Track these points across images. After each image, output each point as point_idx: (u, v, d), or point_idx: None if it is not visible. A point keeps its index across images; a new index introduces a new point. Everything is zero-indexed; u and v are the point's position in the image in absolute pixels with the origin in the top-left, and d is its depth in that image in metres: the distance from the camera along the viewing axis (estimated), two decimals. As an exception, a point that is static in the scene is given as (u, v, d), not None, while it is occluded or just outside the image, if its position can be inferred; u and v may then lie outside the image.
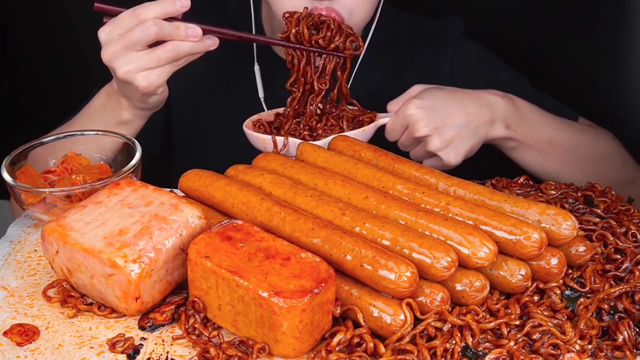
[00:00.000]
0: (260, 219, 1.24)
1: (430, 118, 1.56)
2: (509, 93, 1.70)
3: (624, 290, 1.19)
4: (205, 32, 1.48)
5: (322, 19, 1.57)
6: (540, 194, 1.44)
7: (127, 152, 1.48)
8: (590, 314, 1.15)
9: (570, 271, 1.23)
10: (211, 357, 1.10)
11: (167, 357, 1.12)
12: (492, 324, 1.12)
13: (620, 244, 1.29)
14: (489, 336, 1.12)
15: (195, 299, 1.16)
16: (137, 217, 1.21)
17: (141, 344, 1.14)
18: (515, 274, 1.17)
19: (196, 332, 1.15)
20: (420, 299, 1.12)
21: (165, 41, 1.45)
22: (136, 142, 1.46)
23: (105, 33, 1.46)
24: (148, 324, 1.18)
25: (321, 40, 1.58)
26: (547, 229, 1.19)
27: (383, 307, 1.11)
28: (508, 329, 1.13)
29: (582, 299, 1.18)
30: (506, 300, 1.18)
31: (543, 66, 2.01)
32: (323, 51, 1.58)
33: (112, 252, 1.15)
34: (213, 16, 1.88)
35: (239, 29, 1.67)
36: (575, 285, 1.20)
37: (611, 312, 1.16)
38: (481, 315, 1.13)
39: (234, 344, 1.13)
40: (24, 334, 1.16)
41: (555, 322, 1.14)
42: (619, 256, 1.27)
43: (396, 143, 1.63)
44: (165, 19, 1.44)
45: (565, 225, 1.19)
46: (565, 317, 1.16)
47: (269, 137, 1.58)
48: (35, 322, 1.19)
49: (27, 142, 1.48)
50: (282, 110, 1.70)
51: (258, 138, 1.61)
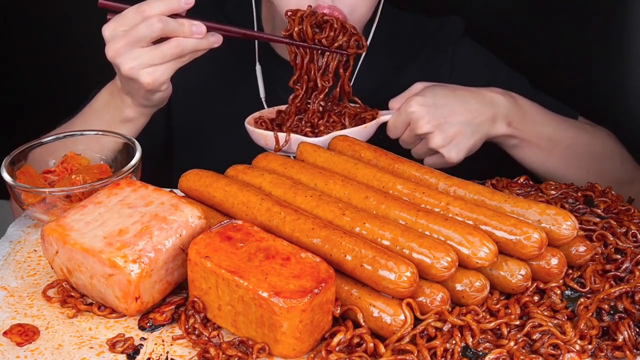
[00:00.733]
0: (260, 219, 1.24)
1: (432, 115, 1.56)
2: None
3: (624, 290, 1.19)
4: (209, 29, 1.48)
5: (325, 18, 1.57)
6: (540, 194, 1.44)
7: (127, 152, 1.48)
8: (591, 314, 1.15)
9: (571, 271, 1.23)
10: (211, 357, 1.10)
11: (167, 357, 1.12)
12: (492, 324, 1.12)
13: (621, 244, 1.29)
14: (489, 336, 1.12)
15: (195, 299, 1.16)
16: (137, 217, 1.21)
17: (141, 344, 1.14)
18: (515, 274, 1.17)
19: (196, 332, 1.15)
20: (420, 299, 1.12)
21: (169, 38, 1.45)
22: (136, 142, 1.46)
23: (109, 30, 1.46)
24: (148, 324, 1.18)
25: (324, 40, 1.58)
26: (547, 229, 1.19)
27: (383, 307, 1.11)
28: (508, 329, 1.13)
29: (582, 299, 1.18)
30: (506, 300, 1.18)
31: (542, 66, 2.02)
32: (326, 49, 1.58)
33: (112, 252, 1.15)
34: (213, 15, 1.88)
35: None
36: (575, 285, 1.20)
37: (611, 312, 1.16)
38: (481, 315, 1.13)
39: (234, 344, 1.13)
40: (24, 334, 1.16)
41: (555, 322, 1.14)
42: (619, 256, 1.27)
43: (398, 140, 1.63)
44: (169, 16, 1.44)
45: (566, 225, 1.19)
46: (566, 317, 1.16)
47: (271, 134, 1.58)
48: (35, 322, 1.19)
49: (27, 142, 1.48)
50: (284, 107, 1.70)
51: (260, 134, 1.60)
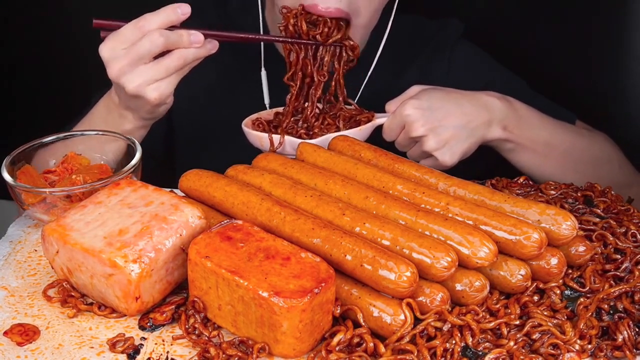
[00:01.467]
0: (260, 219, 1.24)
1: (426, 118, 1.56)
2: (507, 95, 1.70)
3: (623, 290, 1.19)
4: (205, 36, 1.47)
5: (319, 17, 1.58)
6: (540, 194, 1.44)
7: (127, 152, 1.48)
8: (590, 313, 1.15)
9: (570, 271, 1.23)
10: (211, 357, 1.10)
11: (167, 357, 1.12)
12: (492, 324, 1.12)
13: (620, 244, 1.29)
14: (488, 336, 1.12)
15: (195, 299, 1.16)
16: (137, 217, 1.21)
17: (141, 344, 1.14)
18: (515, 274, 1.17)
19: (196, 332, 1.15)
20: (420, 299, 1.12)
21: (168, 50, 1.44)
22: (136, 142, 1.46)
23: (108, 49, 1.44)
24: (148, 324, 1.18)
25: (319, 36, 1.58)
26: (547, 229, 1.19)
27: (383, 307, 1.11)
28: (508, 329, 1.13)
29: (582, 299, 1.18)
30: (506, 300, 1.18)
31: (540, 68, 2.02)
32: (321, 43, 1.58)
33: (112, 252, 1.15)
34: (215, 15, 1.88)
35: (243, 30, 1.67)
36: (575, 285, 1.20)
37: (611, 312, 1.16)
38: (481, 315, 1.13)
39: (234, 344, 1.13)
40: (24, 333, 1.16)
41: (555, 322, 1.14)
42: (619, 256, 1.27)
43: (394, 143, 1.64)
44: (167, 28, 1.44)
45: (565, 225, 1.19)
46: (565, 317, 1.16)
47: (266, 135, 1.59)
48: (35, 322, 1.19)
49: (27, 142, 1.48)
50: (282, 109, 1.70)
51: (255, 136, 1.62)
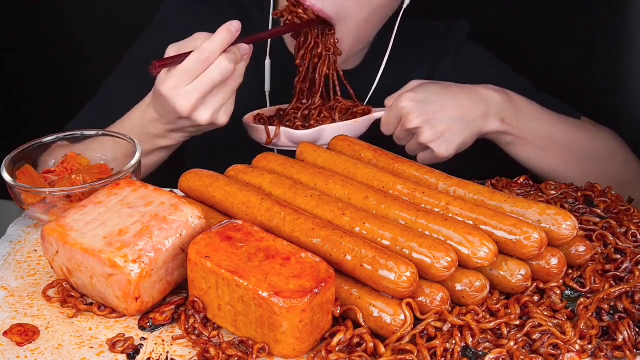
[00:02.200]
0: (260, 219, 1.24)
1: (422, 110, 1.57)
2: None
3: (624, 290, 1.19)
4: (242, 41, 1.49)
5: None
6: (540, 194, 1.44)
7: (127, 152, 1.47)
8: (590, 314, 1.15)
9: (570, 271, 1.23)
10: (211, 357, 1.10)
11: (167, 357, 1.12)
12: (492, 324, 1.12)
13: (620, 244, 1.29)
14: (489, 336, 1.12)
15: (195, 299, 1.16)
16: (137, 217, 1.21)
17: (141, 344, 1.14)
18: (515, 274, 1.17)
19: (196, 332, 1.15)
20: (420, 299, 1.12)
21: None
22: (136, 142, 1.46)
23: (171, 89, 1.42)
24: (148, 324, 1.18)
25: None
26: (547, 229, 1.19)
27: (383, 307, 1.11)
28: (508, 329, 1.13)
29: (582, 299, 1.18)
30: (506, 300, 1.18)
31: (545, 68, 2.02)
32: (314, 21, 1.61)
33: (112, 252, 1.15)
34: (232, 8, 1.88)
35: (254, 23, 1.69)
36: (575, 285, 1.20)
37: (611, 312, 1.16)
38: (481, 315, 1.13)
39: (234, 344, 1.13)
40: (24, 334, 1.16)
41: (555, 322, 1.14)
42: (619, 256, 1.27)
43: (392, 138, 1.64)
44: None
45: (566, 225, 1.19)
46: (565, 317, 1.16)
47: (262, 127, 1.62)
48: (35, 322, 1.19)
49: (27, 142, 1.48)
50: (284, 106, 1.73)
51: (253, 128, 1.65)
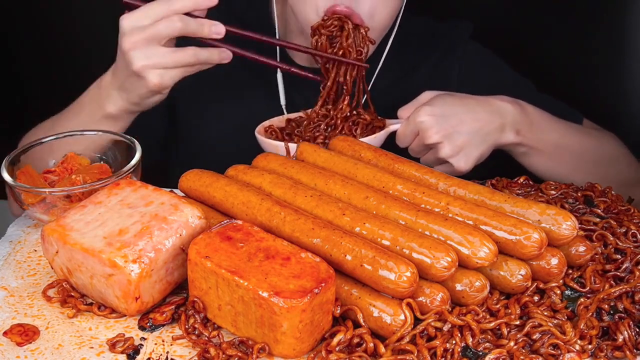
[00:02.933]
0: (260, 219, 1.24)
1: (441, 125, 1.56)
2: (514, 96, 1.70)
3: (624, 290, 1.19)
4: (227, 32, 1.49)
5: (340, 19, 1.62)
6: (540, 194, 1.44)
7: (127, 152, 1.48)
8: (591, 314, 1.15)
9: (570, 271, 1.23)
10: (211, 357, 1.10)
11: (167, 357, 1.12)
12: (492, 324, 1.12)
13: (620, 244, 1.29)
14: (489, 336, 1.12)
15: (195, 299, 1.16)
16: (137, 217, 1.21)
17: (141, 344, 1.14)
18: (515, 274, 1.17)
19: (196, 332, 1.15)
20: (420, 299, 1.12)
21: (186, 38, 1.46)
22: (136, 142, 1.46)
23: (129, 20, 1.45)
24: (148, 324, 1.18)
25: (341, 52, 1.64)
26: (547, 229, 1.19)
27: (383, 307, 1.11)
28: (508, 329, 1.13)
29: (582, 299, 1.18)
30: (506, 300, 1.18)
31: (546, 68, 2.02)
32: (343, 60, 1.62)
33: (112, 252, 1.15)
34: (222, 16, 1.88)
35: (250, 28, 1.68)
36: (575, 285, 1.20)
37: (611, 312, 1.16)
38: (481, 315, 1.13)
39: (234, 344, 1.13)
40: (24, 334, 1.16)
41: (555, 322, 1.14)
42: (619, 256, 1.27)
43: (407, 149, 1.64)
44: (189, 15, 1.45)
45: (566, 225, 1.19)
46: (565, 317, 1.16)
47: (282, 144, 1.59)
48: (35, 322, 1.19)
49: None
50: (293, 115, 1.73)
51: (270, 144, 1.62)
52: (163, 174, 1.90)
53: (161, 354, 1.12)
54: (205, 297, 1.15)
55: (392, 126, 1.64)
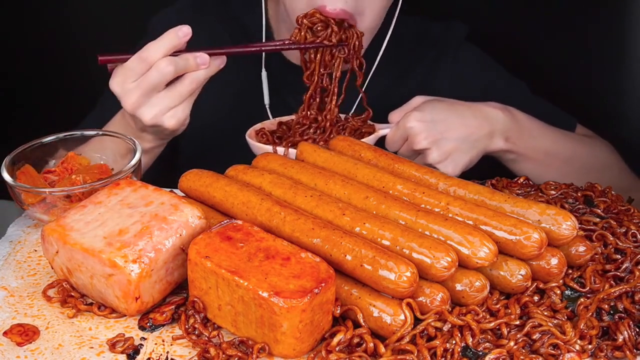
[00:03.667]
0: (260, 219, 1.24)
1: (429, 131, 1.57)
2: (508, 98, 1.71)
3: (624, 290, 1.19)
4: (209, 54, 1.47)
5: (321, 23, 1.60)
6: (540, 194, 1.44)
7: (127, 152, 1.48)
8: (590, 314, 1.15)
9: (570, 271, 1.23)
10: (211, 357, 1.10)
11: (167, 357, 1.12)
12: (492, 324, 1.12)
13: (620, 244, 1.29)
14: (489, 336, 1.12)
15: (195, 299, 1.16)
16: (137, 217, 1.21)
17: (141, 344, 1.14)
18: (515, 274, 1.17)
19: (196, 332, 1.15)
20: (420, 299, 1.12)
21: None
22: (136, 142, 1.46)
23: (117, 84, 1.45)
24: (148, 324, 1.18)
25: (326, 42, 1.62)
26: (547, 229, 1.19)
27: (383, 307, 1.11)
28: (508, 329, 1.13)
29: (582, 299, 1.18)
30: (506, 300, 1.18)
31: (542, 70, 2.02)
32: (326, 45, 1.60)
33: (112, 252, 1.15)
34: (218, 16, 1.88)
35: (248, 30, 1.66)
36: (575, 285, 1.20)
37: (611, 312, 1.16)
38: (481, 315, 1.13)
39: (234, 344, 1.13)
40: (24, 334, 1.16)
41: (555, 322, 1.14)
42: (619, 256, 1.27)
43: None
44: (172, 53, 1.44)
45: (565, 225, 1.19)
46: (565, 317, 1.16)
47: (271, 147, 1.60)
48: (35, 322, 1.19)
49: (27, 142, 1.48)
50: (285, 118, 1.72)
51: (259, 148, 1.62)
52: (163, 174, 1.90)
53: (161, 354, 1.12)
54: (205, 297, 1.15)
55: (382, 131, 1.64)
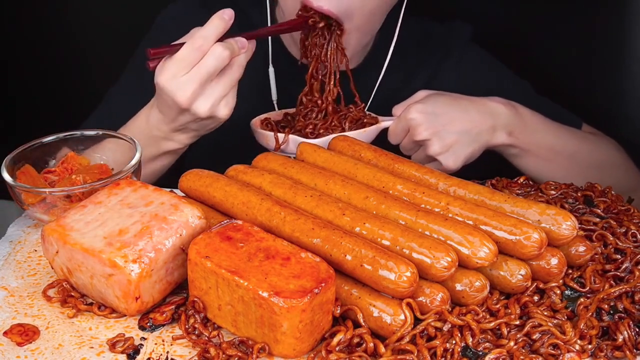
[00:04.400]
0: (260, 219, 1.24)
1: (430, 122, 1.57)
2: (513, 98, 1.70)
3: (624, 290, 1.19)
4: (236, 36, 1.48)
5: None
6: (540, 194, 1.44)
7: (127, 152, 1.47)
8: (590, 314, 1.15)
9: (570, 271, 1.23)
10: (211, 357, 1.10)
11: (167, 357, 1.12)
12: (492, 324, 1.12)
13: (620, 244, 1.29)
14: (489, 336, 1.12)
15: (195, 299, 1.16)
16: (137, 217, 1.21)
17: (141, 344, 1.14)
18: (515, 274, 1.17)
19: (196, 332, 1.15)
20: (420, 299, 1.12)
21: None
22: (136, 142, 1.46)
23: (169, 80, 1.41)
24: (148, 324, 1.18)
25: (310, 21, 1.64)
26: (547, 229, 1.19)
27: (383, 307, 1.11)
28: (508, 329, 1.13)
29: (582, 299, 1.18)
30: (506, 300, 1.18)
31: (546, 70, 2.02)
32: (309, 27, 1.63)
33: (112, 252, 1.15)
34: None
35: (254, 24, 1.69)
36: (575, 285, 1.20)
37: (611, 312, 1.16)
38: (481, 315, 1.13)
39: (234, 344, 1.13)
40: (24, 334, 1.16)
41: (555, 322, 1.14)
42: (619, 256, 1.27)
43: (399, 146, 1.64)
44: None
45: (565, 225, 1.19)
46: (565, 317, 1.16)
47: (271, 134, 1.62)
48: (35, 322, 1.19)
49: (27, 142, 1.48)
50: (291, 110, 1.73)
51: (261, 134, 1.65)
52: (163, 174, 1.90)
53: (161, 354, 1.12)
54: (205, 297, 1.15)
55: (384, 123, 1.65)
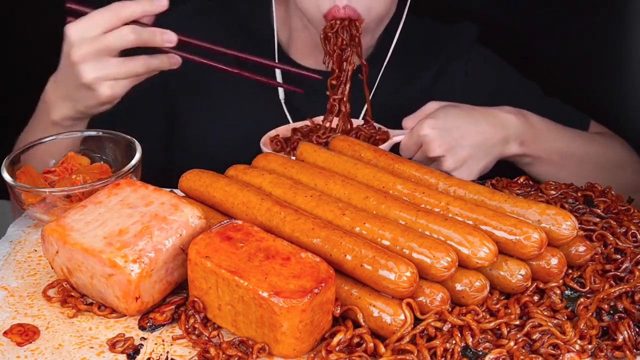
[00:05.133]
0: (260, 219, 1.24)
1: (444, 138, 1.56)
2: (520, 99, 1.70)
3: (624, 290, 1.19)
4: (180, 41, 1.46)
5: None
6: (540, 194, 1.44)
7: (127, 152, 1.48)
8: (590, 314, 1.15)
9: (570, 271, 1.23)
10: (211, 357, 1.10)
11: (167, 357, 1.12)
12: (492, 324, 1.12)
13: (620, 244, 1.29)
14: (489, 336, 1.12)
15: (195, 299, 1.16)
16: (137, 217, 1.21)
17: (141, 344, 1.14)
18: (515, 274, 1.17)
19: (196, 332, 1.15)
20: (420, 299, 1.12)
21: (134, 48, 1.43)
22: (136, 142, 1.46)
23: (77, 30, 1.40)
24: (148, 324, 1.18)
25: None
26: (547, 229, 1.19)
27: (383, 307, 1.11)
28: (508, 329, 1.13)
29: (582, 299, 1.18)
30: (506, 300, 1.18)
31: (555, 71, 2.01)
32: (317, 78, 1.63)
33: (112, 252, 1.15)
34: (220, 22, 1.87)
35: (255, 35, 1.66)
36: (575, 285, 1.20)
37: (611, 312, 1.16)
38: (481, 315, 1.13)
39: (234, 344, 1.13)
40: (24, 334, 1.16)
41: (555, 322, 1.14)
42: (619, 256, 1.27)
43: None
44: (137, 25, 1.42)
45: (565, 225, 1.19)
46: (565, 317, 1.16)
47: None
48: (35, 322, 1.19)
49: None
50: (299, 124, 1.72)
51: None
52: (163, 174, 1.90)
53: (161, 354, 1.12)
54: (205, 297, 1.15)
55: (396, 137, 1.63)
